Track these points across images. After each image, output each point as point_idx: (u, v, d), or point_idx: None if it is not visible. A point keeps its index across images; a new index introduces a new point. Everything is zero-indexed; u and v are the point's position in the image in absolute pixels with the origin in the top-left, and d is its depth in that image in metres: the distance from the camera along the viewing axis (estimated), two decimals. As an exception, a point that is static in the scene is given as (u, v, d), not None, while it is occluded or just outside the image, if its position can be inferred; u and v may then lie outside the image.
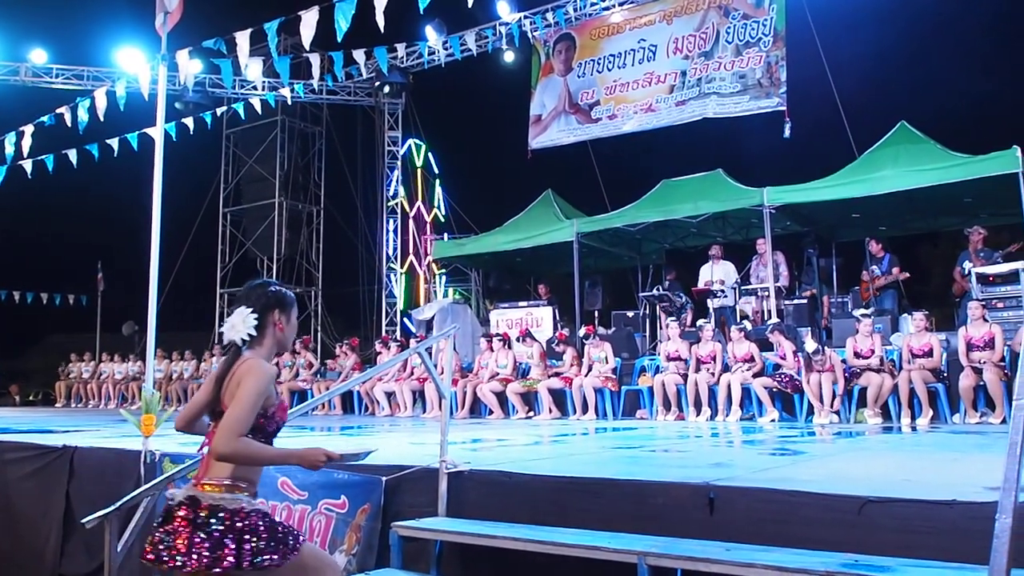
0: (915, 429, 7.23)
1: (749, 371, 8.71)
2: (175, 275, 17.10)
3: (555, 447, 6.04)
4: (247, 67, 8.68)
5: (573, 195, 13.78)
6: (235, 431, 2.26)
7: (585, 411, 9.45)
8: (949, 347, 8.11)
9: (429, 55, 16.41)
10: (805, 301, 10.50)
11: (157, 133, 5.56)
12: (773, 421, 8.25)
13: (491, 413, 10.07)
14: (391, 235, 18.38)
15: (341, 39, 7.19)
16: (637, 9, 14.52)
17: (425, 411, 10.45)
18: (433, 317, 13.08)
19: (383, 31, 7.37)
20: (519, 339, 10.72)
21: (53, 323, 24.19)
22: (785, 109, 12.45)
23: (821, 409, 8.02)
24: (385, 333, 16.30)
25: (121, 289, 18.79)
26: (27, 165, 10.74)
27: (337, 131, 19.93)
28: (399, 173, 18.48)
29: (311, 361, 12.90)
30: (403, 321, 17.64)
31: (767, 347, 8.99)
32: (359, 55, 11.09)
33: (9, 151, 10.26)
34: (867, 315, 8.48)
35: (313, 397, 10.09)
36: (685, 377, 9.02)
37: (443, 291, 17.81)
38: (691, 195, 11.27)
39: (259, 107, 13.64)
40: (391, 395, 11.06)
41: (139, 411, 4.96)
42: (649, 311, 12.12)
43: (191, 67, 10.41)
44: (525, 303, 12.80)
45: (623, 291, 15.10)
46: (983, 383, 7.39)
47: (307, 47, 7.60)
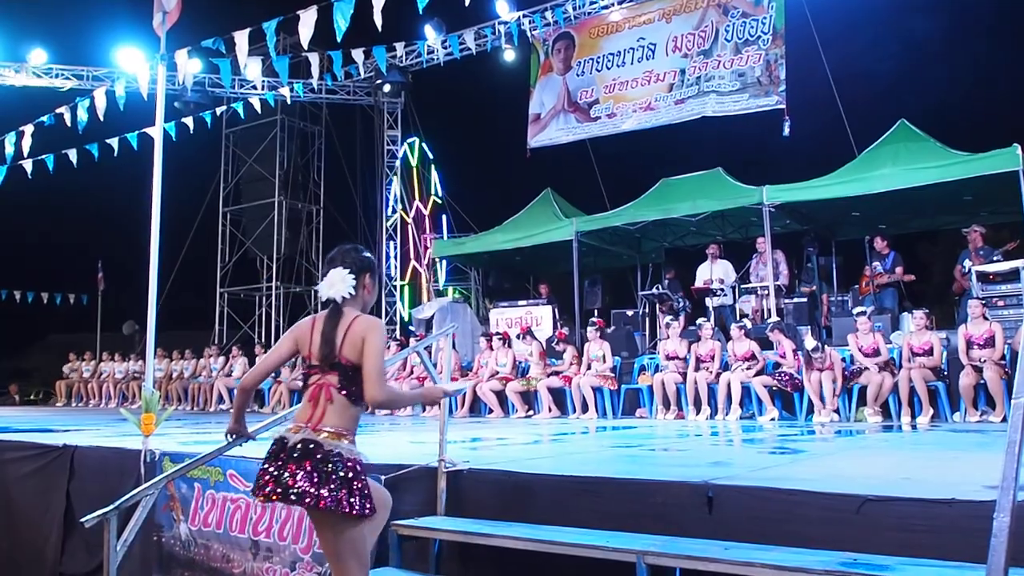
0: (915, 428, 7.23)
1: (750, 369, 8.71)
2: (175, 274, 17.13)
3: (554, 446, 6.04)
4: (246, 67, 8.67)
5: (572, 194, 13.79)
6: (382, 379, 2.62)
7: (585, 410, 9.45)
8: (949, 345, 8.10)
9: (428, 54, 16.42)
10: (805, 300, 10.50)
11: (156, 133, 5.57)
12: (773, 420, 8.25)
13: (491, 412, 10.07)
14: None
15: (340, 38, 7.19)
16: (636, 7, 14.51)
17: (425, 410, 10.45)
18: (433, 316, 13.09)
19: (382, 30, 7.38)
20: (520, 336, 10.72)
21: (53, 322, 24.24)
22: (784, 107, 12.45)
23: (821, 408, 8.03)
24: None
25: (121, 288, 18.82)
26: (27, 165, 10.75)
27: (337, 130, 19.96)
28: (397, 181, 18.47)
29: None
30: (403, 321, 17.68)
31: (767, 346, 8.99)
32: (358, 54, 11.09)
33: (9, 151, 10.27)
34: (863, 312, 8.49)
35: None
36: (685, 376, 9.03)
37: (445, 279, 17.80)
38: (690, 194, 11.26)
39: (258, 106, 13.65)
40: (391, 394, 11.04)
41: (139, 410, 4.97)
42: (648, 310, 12.11)
43: (190, 67, 10.41)
44: (525, 302, 12.80)
45: (622, 290, 15.11)
46: (983, 381, 7.39)
47: (305, 46, 7.60)
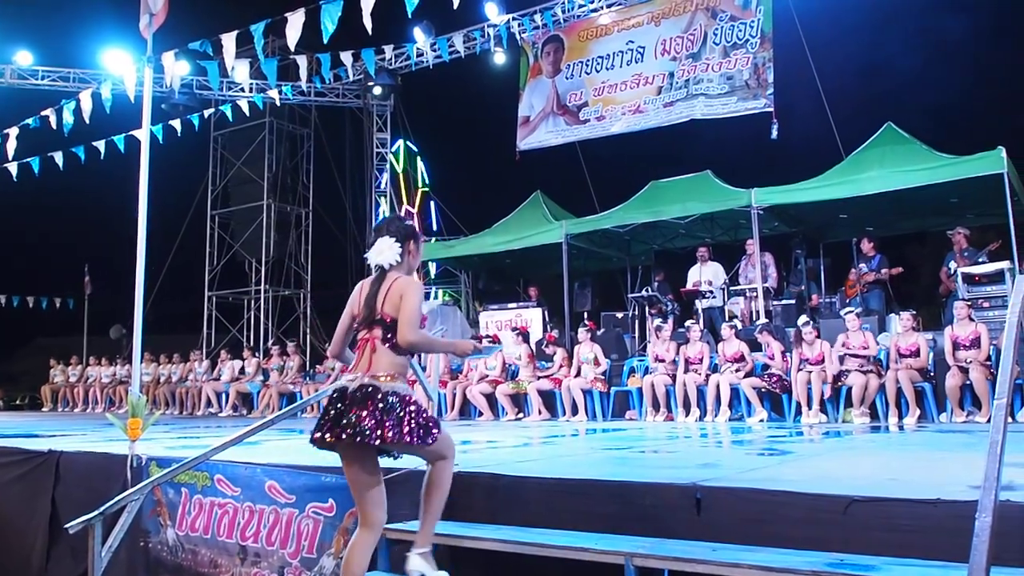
0: (902, 428, 7.27)
1: (739, 371, 8.74)
2: (163, 278, 17.04)
3: (544, 448, 6.04)
4: (234, 69, 8.65)
5: (562, 196, 13.79)
6: (415, 324, 2.93)
7: (575, 412, 9.46)
8: (936, 346, 8.16)
9: (417, 57, 16.40)
10: (793, 302, 10.55)
11: (143, 135, 5.54)
12: (762, 421, 8.28)
13: (481, 415, 10.07)
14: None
15: (328, 41, 7.18)
16: (625, 11, 14.55)
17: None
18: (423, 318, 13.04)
19: (371, 33, 7.36)
20: (518, 333, 10.70)
21: (40, 327, 24.05)
22: (772, 110, 12.50)
23: (809, 410, 8.06)
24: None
25: (108, 292, 18.68)
26: (12, 168, 10.67)
27: (326, 133, 19.87)
28: (387, 184, 18.42)
29: (301, 363, 12.89)
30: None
31: (756, 347, 9.02)
32: (346, 57, 11.08)
33: (-6, 153, 10.20)
34: (851, 311, 8.54)
35: (302, 399, 10.05)
36: (674, 378, 9.05)
37: (434, 281, 17.73)
38: (679, 196, 11.29)
39: (247, 109, 13.60)
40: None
41: (126, 415, 4.94)
42: (638, 312, 12.13)
43: (177, 69, 10.37)
44: (515, 304, 12.80)
45: (612, 292, 15.12)
46: (969, 382, 7.44)
47: (293, 49, 7.59)
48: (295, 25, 7.25)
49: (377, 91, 17.53)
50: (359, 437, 2.78)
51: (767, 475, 3.85)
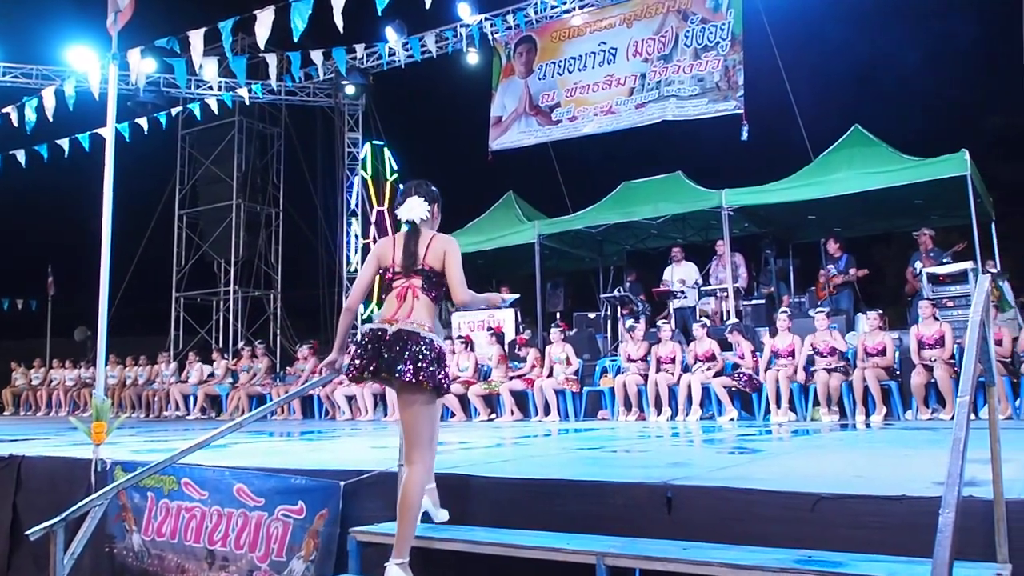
0: (869, 426, 7.37)
1: (710, 371, 8.81)
2: (129, 279, 16.76)
3: (517, 449, 6.04)
4: (202, 67, 8.54)
5: (534, 197, 13.82)
6: (464, 284, 3.29)
7: (547, 413, 9.47)
8: (902, 345, 8.29)
9: (389, 56, 16.32)
10: (763, 301, 10.66)
11: (108, 133, 5.45)
12: (732, 420, 8.35)
13: (453, 416, 10.04)
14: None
15: (297, 39, 7.12)
16: (597, 12, 14.61)
17: (387, 414, 10.37)
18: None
19: (342, 31, 7.32)
20: (492, 333, 10.69)
21: (2, 329, 23.52)
22: (743, 112, 12.61)
23: (778, 408, 8.15)
24: (346, 336, 16.10)
25: (72, 293, 18.35)
26: (-27, 166, 10.45)
27: (296, 132, 19.69)
28: (362, 175, 18.28)
29: (270, 365, 12.76)
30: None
31: (726, 347, 9.10)
32: (317, 56, 10.99)
33: (-46, 152, 9.98)
34: (822, 311, 8.65)
35: (271, 401, 9.96)
36: (646, 378, 9.09)
37: None
38: (651, 197, 11.36)
39: (215, 107, 13.45)
40: (352, 399, 10.97)
41: (90, 418, 4.85)
42: (610, 312, 12.19)
43: (144, 66, 10.19)
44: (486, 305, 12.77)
45: (585, 292, 15.17)
46: (934, 380, 7.57)
47: (262, 47, 7.51)
48: (264, 23, 7.18)
49: (350, 90, 17.41)
50: (396, 375, 3.08)
51: (737, 474, 3.88)
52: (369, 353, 3.16)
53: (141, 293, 18.22)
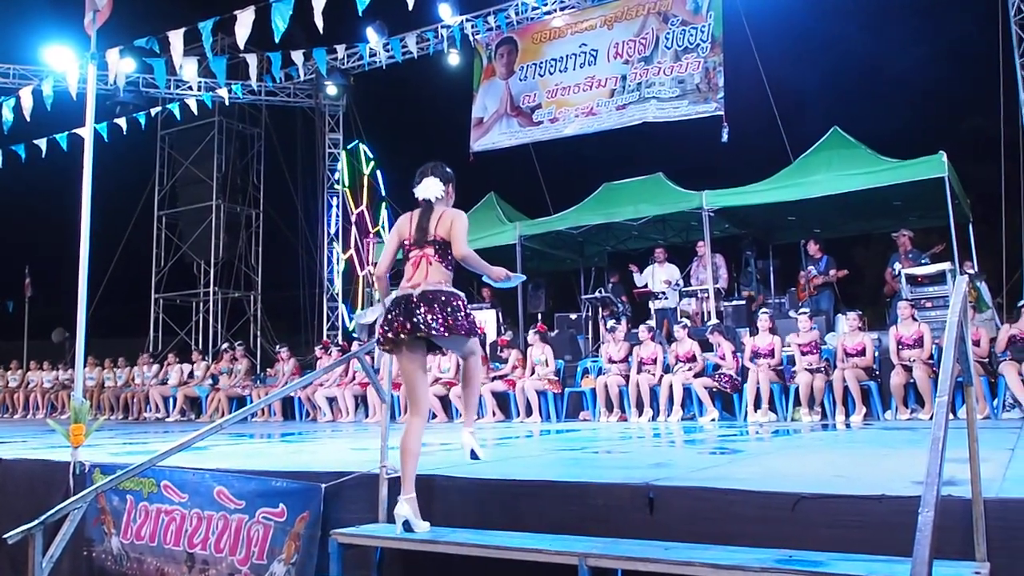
0: (849, 426, 7.43)
1: (690, 371, 8.85)
2: (108, 280, 16.60)
3: (498, 450, 6.03)
4: (182, 67, 8.47)
5: (516, 198, 13.80)
6: (466, 240, 3.60)
7: (529, 413, 9.47)
8: (881, 346, 8.37)
9: (370, 57, 16.27)
10: (743, 302, 10.72)
11: (87, 133, 5.39)
12: (713, 420, 8.39)
13: (434, 417, 10.00)
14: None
15: (278, 39, 7.08)
16: (579, 14, 14.64)
17: (368, 416, 10.34)
18: (375, 321, 12.92)
19: (322, 32, 7.29)
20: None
21: (-23, 330, 23.20)
22: (723, 114, 12.68)
23: (758, 409, 8.20)
24: (326, 337, 16.06)
25: (50, 294, 18.12)
26: (-52, 166, 10.30)
27: (277, 133, 19.56)
28: (340, 185, 18.18)
29: (250, 366, 12.67)
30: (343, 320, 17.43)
31: (707, 347, 9.14)
32: (297, 56, 10.94)
33: (-72, 152, 9.83)
34: (805, 312, 8.72)
35: (252, 403, 9.88)
36: (627, 378, 9.12)
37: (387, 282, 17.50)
38: (632, 198, 11.39)
39: (195, 108, 13.34)
40: (333, 400, 10.91)
41: (68, 420, 4.80)
42: (592, 313, 12.21)
43: (123, 66, 10.10)
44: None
45: (566, 293, 15.19)
46: (913, 380, 7.65)
47: (242, 47, 7.46)
48: (244, 23, 7.14)
49: (331, 91, 17.33)
50: (431, 330, 3.43)
51: (718, 474, 3.90)
52: (401, 316, 3.49)
53: (120, 294, 18.06)
